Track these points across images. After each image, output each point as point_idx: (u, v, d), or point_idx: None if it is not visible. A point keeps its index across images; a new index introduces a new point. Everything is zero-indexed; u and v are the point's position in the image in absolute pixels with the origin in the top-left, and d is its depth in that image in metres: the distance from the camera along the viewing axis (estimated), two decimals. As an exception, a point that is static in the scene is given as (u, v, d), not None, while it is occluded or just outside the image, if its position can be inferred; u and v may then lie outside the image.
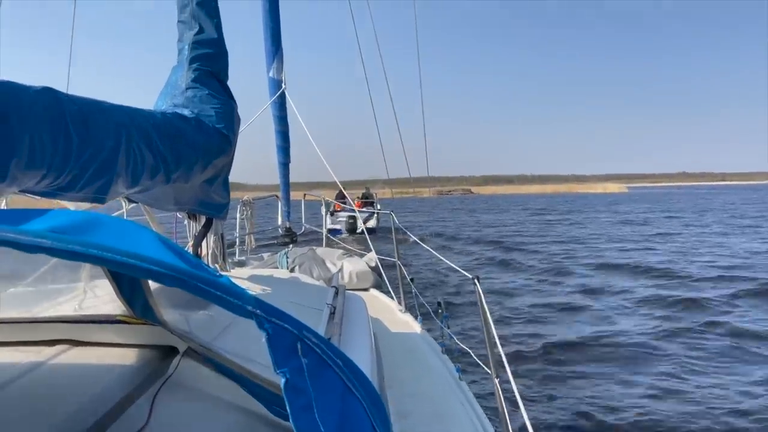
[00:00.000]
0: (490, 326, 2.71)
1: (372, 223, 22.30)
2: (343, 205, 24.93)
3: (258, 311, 0.77)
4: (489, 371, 2.76)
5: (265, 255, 6.80)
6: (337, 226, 23.52)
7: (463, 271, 3.24)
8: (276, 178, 7.41)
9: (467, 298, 9.61)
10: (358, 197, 26.14)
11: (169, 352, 1.53)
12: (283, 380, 0.77)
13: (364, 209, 24.40)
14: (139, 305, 1.46)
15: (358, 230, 21.00)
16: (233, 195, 3.39)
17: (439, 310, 3.86)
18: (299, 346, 0.80)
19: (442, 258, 3.78)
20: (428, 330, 4.39)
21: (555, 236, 24.90)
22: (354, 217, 22.69)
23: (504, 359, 2.55)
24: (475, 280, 2.85)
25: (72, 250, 0.68)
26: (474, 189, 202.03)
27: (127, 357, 1.50)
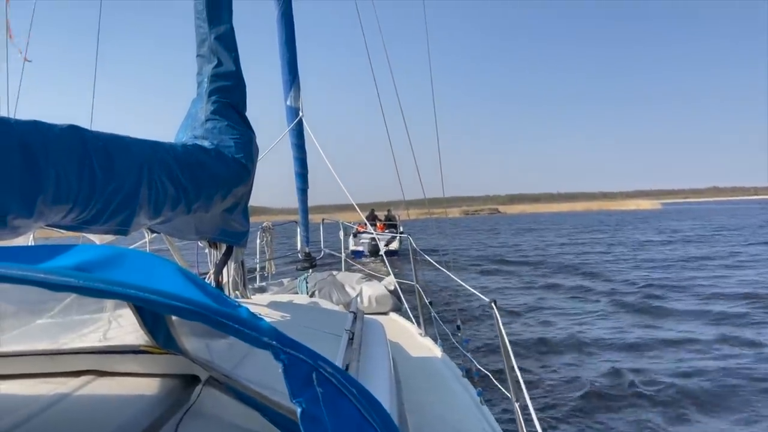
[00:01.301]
0: (509, 350, 2.70)
1: (395, 245, 22.30)
2: (372, 226, 25.07)
3: (274, 342, 0.79)
4: (509, 395, 2.74)
5: (285, 281, 6.85)
6: (360, 248, 23.57)
7: (480, 295, 3.24)
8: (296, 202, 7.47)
9: (489, 321, 9.55)
10: (380, 220, 26.23)
11: (192, 381, 1.56)
12: (299, 410, 0.79)
13: (386, 231, 24.47)
14: (161, 335, 1.50)
15: (381, 252, 21.05)
16: (257, 219, 3.44)
17: (459, 334, 3.85)
18: (314, 376, 0.82)
19: (461, 282, 3.78)
20: (448, 353, 4.37)
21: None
22: (376, 240, 22.75)
23: (522, 383, 2.53)
24: (492, 304, 2.85)
25: (97, 288, 0.71)
26: (501, 208, 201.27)
27: (151, 386, 1.53)
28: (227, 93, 3.03)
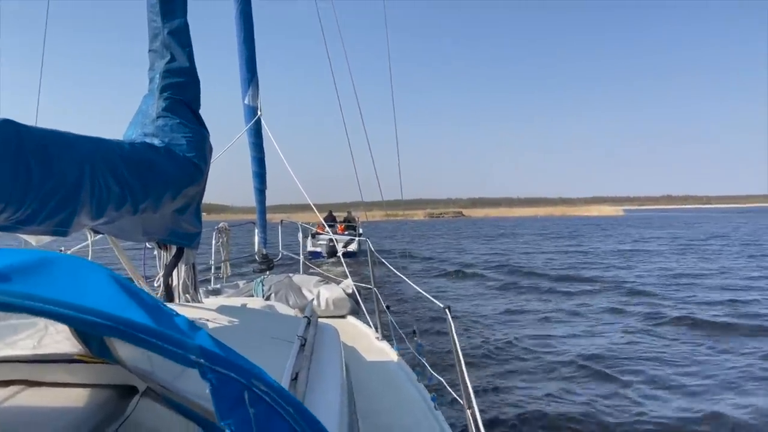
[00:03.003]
0: (460, 356, 2.69)
1: (353, 247, 22.22)
2: (330, 227, 24.89)
3: (201, 360, 0.74)
4: (461, 401, 2.73)
5: (241, 283, 6.71)
6: (318, 249, 23.39)
7: (434, 300, 3.22)
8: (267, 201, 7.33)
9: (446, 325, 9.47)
10: (340, 221, 26.12)
11: (129, 392, 1.48)
12: None
13: (346, 233, 24.37)
14: (95, 344, 1.41)
15: (339, 253, 20.91)
16: (217, 218, 3.35)
17: (415, 338, 3.83)
18: (246, 395, 0.77)
19: (415, 286, 3.76)
20: (405, 357, 4.35)
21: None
22: (335, 241, 22.62)
23: (470, 389, 2.52)
24: (446, 310, 2.83)
25: (5, 302, 0.65)
26: (464, 211, 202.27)
27: (85, 397, 1.44)
28: (180, 89, 2.93)
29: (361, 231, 24.47)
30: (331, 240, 22.47)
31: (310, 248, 23.69)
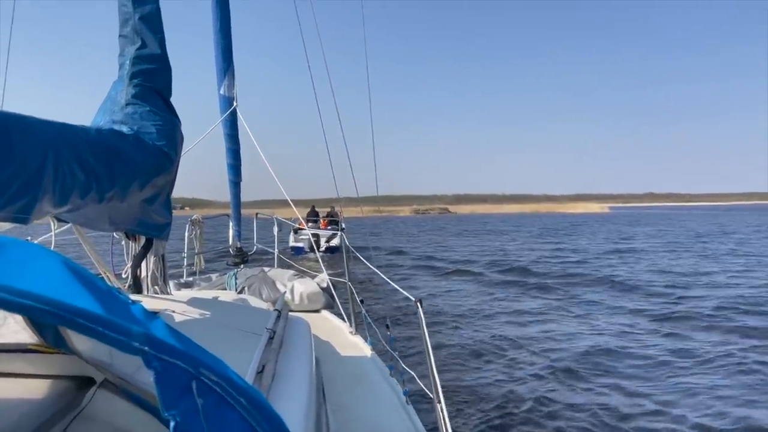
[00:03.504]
0: (429, 350, 2.68)
1: (336, 242, 22.13)
2: (314, 222, 24.75)
3: (146, 348, 0.71)
4: (431, 395, 2.73)
5: (214, 276, 6.63)
6: (300, 244, 23.29)
7: (407, 294, 3.21)
8: (248, 196, 7.24)
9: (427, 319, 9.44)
10: (323, 216, 26.00)
11: (86, 383, 1.44)
12: (172, 424, 0.70)
13: (329, 228, 24.25)
14: (50, 334, 1.37)
15: (321, 248, 20.76)
16: (201, 211, 3.29)
17: (388, 332, 3.82)
18: (195, 384, 0.74)
19: (389, 280, 3.75)
20: (378, 352, 4.34)
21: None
22: (317, 235, 22.47)
23: (438, 383, 2.52)
24: (418, 304, 2.82)
25: None
26: (450, 208, 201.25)
27: (39, 388, 1.40)
28: (151, 77, 2.87)
29: (343, 226, 24.40)
30: (314, 235, 22.37)
31: (292, 243, 23.58)
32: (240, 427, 0.79)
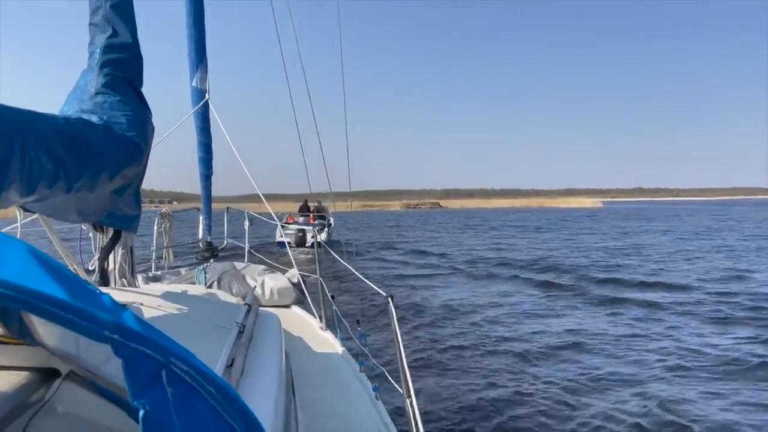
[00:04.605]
0: (400, 346, 2.70)
1: (323, 236, 21.97)
2: (305, 216, 24.49)
3: (115, 336, 0.70)
4: (401, 391, 2.75)
5: (183, 270, 6.54)
6: (286, 239, 23.06)
7: (378, 289, 3.23)
8: (228, 190, 7.14)
9: (398, 314, 9.36)
10: (311, 211, 25.78)
11: (51, 375, 1.41)
12: (141, 413, 0.70)
13: (316, 222, 24.05)
14: (14, 324, 1.34)
15: (308, 244, 20.54)
16: (188, 205, 3.24)
17: (359, 328, 3.82)
18: (164, 373, 0.74)
19: (359, 275, 3.76)
20: (348, 347, 4.34)
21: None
22: (303, 231, 22.24)
23: (409, 379, 2.54)
24: (389, 299, 2.84)
25: None
26: (441, 202, 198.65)
27: (2, 380, 1.37)
28: (121, 66, 2.83)
29: (331, 221, 24.12)
30: (300, 230, 22.14)
31: (278, 238, 23.30)
32: (209, 417, 0.80)
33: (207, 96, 6.01)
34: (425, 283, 16.07)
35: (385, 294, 2.92)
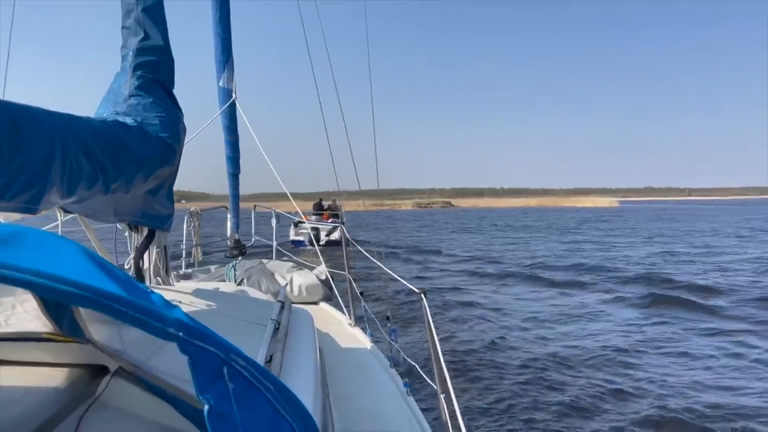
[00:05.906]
0: (435, 342, 2.70)
1: (336, 235, 22.08)
2: (318, 215, 24.69)
3: (180, 333, 0.73)
4: (435, 387, 2.75)
5: (212, 268, 6.64)
6: (300, 238, 23.29)
7: (410, 286, 3.24)
8: (248, 189, 7.20)
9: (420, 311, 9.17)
10: (325, 209, 25.96)
11: (100, 371, 1.45)
12: (206, 406, 0.73)
13: (330, 221, 24.19)
14: (66, 322, 1.38)
15: (322, 242, 20.69)
16: (198, 204, 3.29)
17: (388, 324, 3.84)
18: (226, 370, 0.77)
19: (392, 273, 3.77)
20: (377, 344, 4.36)
21: None
22: (317, 229, 22.41)
23: (447, 375, 2.54)
24: (422, 296, 2.85)
25: None
26: (453, 201, 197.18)
27: (54, 377, 1.41)
28: (154, 68, 2.87)
29: (344, 220, 24.15)
30: (314, 228, 22.30)
31: (292, 237, 23.54)
32: (267, 412, 0.82)
33: (234, 96, 6.08)
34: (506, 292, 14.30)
35: (418, 290, 2.93)
